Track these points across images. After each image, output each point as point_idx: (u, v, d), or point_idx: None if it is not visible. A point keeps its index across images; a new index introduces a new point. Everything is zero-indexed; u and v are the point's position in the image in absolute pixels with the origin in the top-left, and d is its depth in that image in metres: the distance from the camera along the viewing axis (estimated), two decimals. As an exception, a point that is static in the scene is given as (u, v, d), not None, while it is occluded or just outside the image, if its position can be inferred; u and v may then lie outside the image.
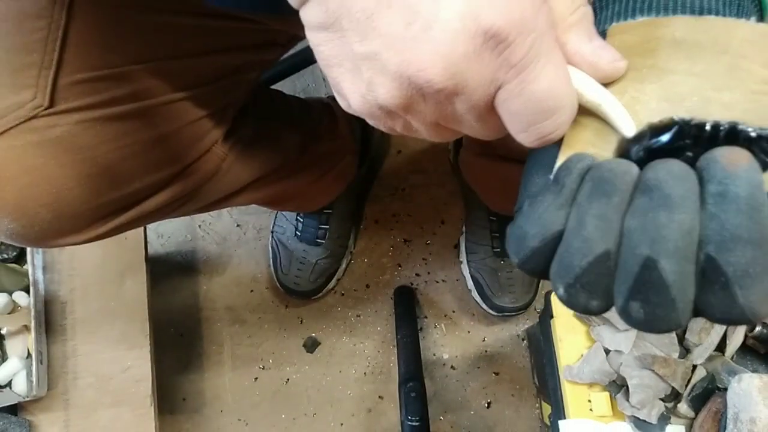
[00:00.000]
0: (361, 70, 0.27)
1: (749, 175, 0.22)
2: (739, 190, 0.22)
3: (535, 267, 0.26)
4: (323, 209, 1.03)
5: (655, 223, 0.23)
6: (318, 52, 0.28)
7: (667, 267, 0.22)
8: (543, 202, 0.26)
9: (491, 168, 0.85)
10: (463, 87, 0.25)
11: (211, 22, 0.53)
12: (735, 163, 0.22)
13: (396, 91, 0.26)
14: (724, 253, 0.22)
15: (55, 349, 0.84)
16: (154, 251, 1.12)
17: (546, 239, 0.25)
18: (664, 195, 0.23)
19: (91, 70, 0.48)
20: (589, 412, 0.68)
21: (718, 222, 0.22)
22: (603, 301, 0.25)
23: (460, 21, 0.24)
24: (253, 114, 0.67)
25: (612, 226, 0.24)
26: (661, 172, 0.23)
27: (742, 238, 0.22)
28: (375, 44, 0.26)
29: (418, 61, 0.25)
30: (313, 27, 0.28)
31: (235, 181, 0.66)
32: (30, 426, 0.81)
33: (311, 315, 1.10)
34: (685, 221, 0.22)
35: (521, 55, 0.24)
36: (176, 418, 1.07)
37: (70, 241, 0.54)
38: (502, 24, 0.23)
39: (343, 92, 0.29)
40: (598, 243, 0.24)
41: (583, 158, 0.26)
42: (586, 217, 0.24)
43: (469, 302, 1.09)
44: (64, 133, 0.48)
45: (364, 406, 1.07)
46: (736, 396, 0.60)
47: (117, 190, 0.53)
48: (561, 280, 0.25)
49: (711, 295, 0.23)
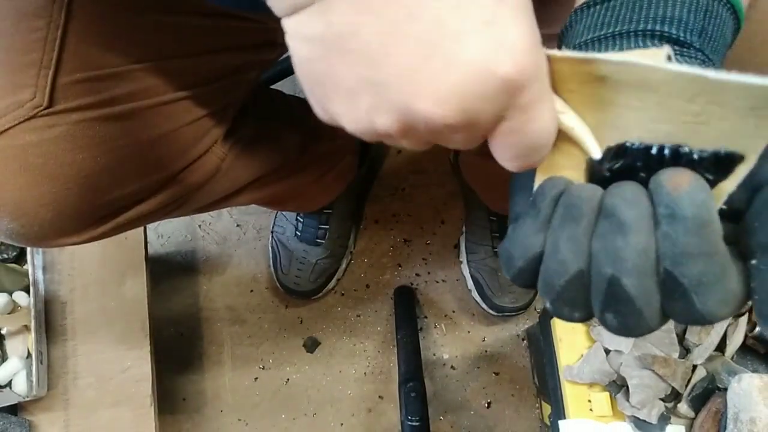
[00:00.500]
0: (359, 95, 0.26)
1: (692, 195, 0.24)
2: (685, 212, 0.24)
3: (524, 283, 0.29)
4: (323, 209, 1.03)
5: (614, 246, 0.25)
6: (306, 66, 0.27)
7: (628, 283, 0.25)
8: (523, 225, 0.29)
9: (491, 168, 0.84)
10: (470, 124, 0.26)
11: (211, 22, 0.53)
12: (678, 186, 0.25)
13: (398, 121, 0.26)
14: (679, 267, 0.24)
15: (55, 349, 0.84)
16: (154, 251, 1.12)
17: (528, 260, 0.28)
18: (619, 221, 0.25)
19: (91, 70, 0.48)
20: (589, 412, 0.68)
21: (670, 240, 0.24)
22: (584, 312, 0.28)
23: (482, 63, 0.24)
24: (253, 114, 0.67)
25: (581, 248, 0.26)
26: (616, 198, 0.26)
27: (693, 253, 0.24)
28: (385, 73, 0.25)
29: (432, 96, 0.25)
30: (306, 39, 0.26)
31: (235, 181, 0.66)
32: (30, 426, 0.81)
33: (311, 315, 1.10)
34: (640, 242, 0.25)
35: (528, 98, 0.25)
36: (176, 418, 1.07)
37: (69, 241, 0.54)
38: (521, 71, 0.24)
39: (331, 110, 0.28)
40: (572, 264, 0.27)
41: (557, 184, 0.29)
42: (559, 241, 0.27)
43: (469, 302, 1.09)
44: (64, 132, 0.47)
45: (364, 406, 1.07)
46: (736, 396, 0.60)
47: (116, 189, 0.53)
48: (546, 296, 0.28)
49: (673, 302, 0.25)
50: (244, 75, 0.60)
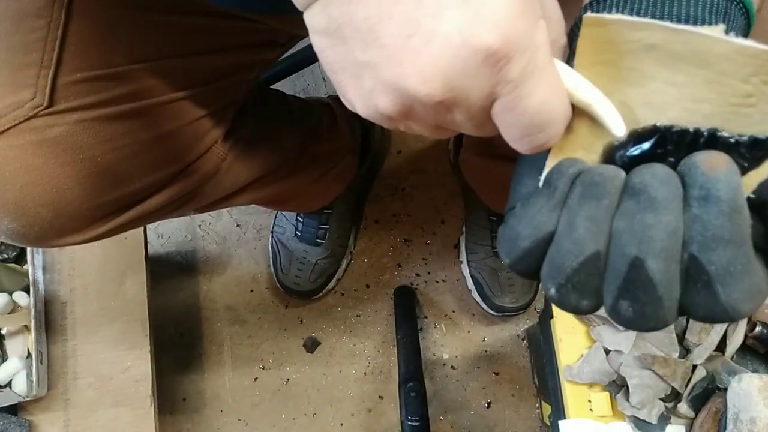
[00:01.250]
0: (362, 78, 0.27)
1: (728, 178, 0.23)
2: (720, 194, 0.23)
3: (526, 267, 0.27)
4: (323, 209, 1.03)
5: (642, 225, 0.24)
6: (322, 56, 0.29)
7: (653, 266, 0.23)
8: (535, 204, 0.27)
9: (491, 168, 0.85)
10: (461, 100, 0.25)
11: (211, 22, 0.53)
12: (714, 167, 0.24)
13: (394, 100, 0.27)
14: (707, 252, 0.23)
15: (55, 349, 0.84)
16: (154, 251, 1.12)
17: (538, 240, 0.26)
18: (650, 197, 0.24)
19: (91, 70, 0.48)
20: (589, 412, 0.68)
21: (701, 223, 0.23)
22: (593, 300, 0.26)
23: (461, 36, 0.24)
24: (253, 114, 0.67)
25: (602, 228, 0.25)
26: (647, 176, 0.24)
27: (724, 238, 0.23)
28: (375, 54, 0.26)
29: (416, 73, 0.25)
30: (317, 31, 0.28)
31: (235, 181, 0.66)
32: (30, 426, 0.80)
33: (311, 315, 1.10)
34: (671, 222, 0.23)
35: (518, 71, 0.25)
36: (176, 418, 1.07)
37: (70, 241, 0.53)
38: (503, 41, 0.24)
39: (347, 96, 0.29)
40: (589, 244, 0.25)
41: (574, 163, 0.27)
42: (576, 219, 0.25)
43: (469, 302, 1.08)
44: (64, 132, 0.47)
45: (364, 406, 1.07)
46: (736, 396, 0.60)
47: (117, 189, 0.53)
48: (552, 281, 0.26)
49: (695, 293, 0.24)
50: (244, 75, 0.60)
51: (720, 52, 0.24)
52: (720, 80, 0.25)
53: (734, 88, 0.24)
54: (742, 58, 0.24)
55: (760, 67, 0.24)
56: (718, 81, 0.25)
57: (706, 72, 0.25)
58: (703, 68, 0.25)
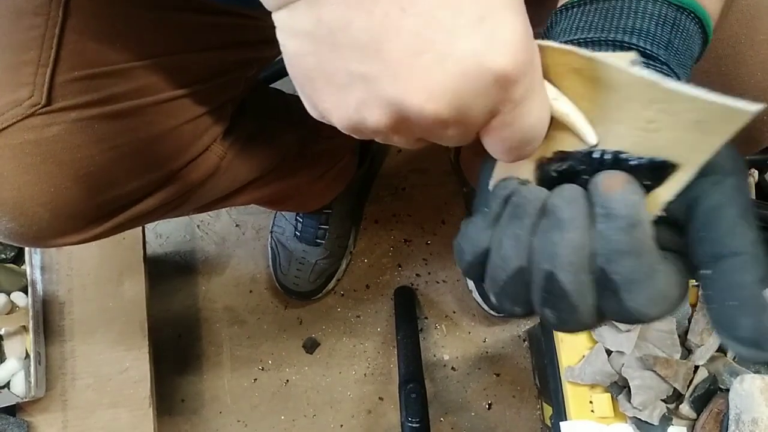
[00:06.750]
0: (351, 89, 0.26)
1: (625, 197, 0.26)
2: (617, 211, 0.25)
3: (474, 277, 0.30)
4: (323, 209, 1.03)
5: (551, 242, 0.27)
6: (297, 60, 0.27)
7: (563, 278, 0.26)
8: (475, 223, 0.30)
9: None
10: (464, 119, 0.26)
11: (210, 19, 0.53)
12: (612, 187, 0.26)
13: (389, 115, 0.26)
14: (610, 264, 0.25)
15: (54, 350, 0.84)
16: (153, 251, 1.12)
17: (476, 255, 0.30)
18: (557, 218, 0.27)
19: (89, 68, 0.47)
20: (591, 413, 0.68)
21: (604, 237, 0.26)
22: (525, 307, 0.29)
23: (476, 58, 0.24)
24: (252, 112, 0.66)
25: (523, 245, 0.28)
26: (556, 198, 0.27)
27: (623, 251, 0.25)
28: (374, 67, 0.25)
29: (422, 91, 0.25)
30: (296, 33, 0.26)
31: (235, 180, 0.65)
32: (28, 427, 0.80)
33: (311, 316, 1.10)
34: (575, 238, 0.26)
35: (522, 91, 0.26)
36: (175, 420, 1.06)
37: (68, 241, 0.53)
38: (515, 65, 0.24)
39: (322, 106, 0.28)
40: (513, 260, 0.28)
41: (508, 185, 0.30)
42: (503, 238, 0.28)
43: (470, 303, 1.08)
44: (62, 131, 0.47)
45: (364, 407, 1.06)
46: (738, 397, 0.60)
47: (115, 188, 0.52)
48: (491, 290, 0.30)
49: (606, 299, 0.26)
50: (243, 72, 0.60)
51: (622, 80, 0.26)
52: (627, 106, 0.27)
53: (638, 114, 0.26)
54: (639, 87, 0.26)
55: (655, 97, 0.25)
56: (625, 106, 0.27)
57: (616, 96, 0.27)
58: (615, 93, 0.27)
